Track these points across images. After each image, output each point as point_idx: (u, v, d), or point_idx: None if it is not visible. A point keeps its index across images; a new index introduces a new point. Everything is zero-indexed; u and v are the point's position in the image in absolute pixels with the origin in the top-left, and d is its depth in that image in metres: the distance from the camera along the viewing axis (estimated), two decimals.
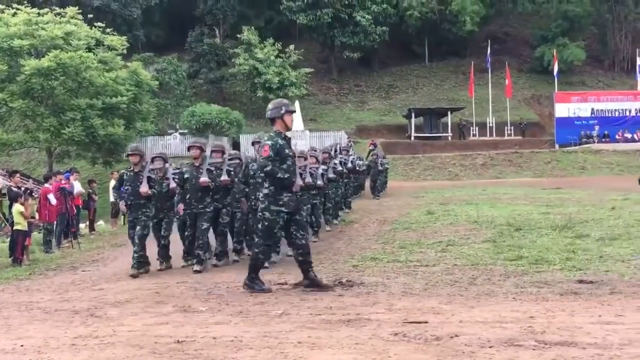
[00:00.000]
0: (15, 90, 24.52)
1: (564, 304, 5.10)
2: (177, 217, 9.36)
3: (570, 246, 8.20)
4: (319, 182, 10.57)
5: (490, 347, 3.91)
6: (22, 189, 12.98)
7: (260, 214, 6.39)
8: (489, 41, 42.57)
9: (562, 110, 36.76)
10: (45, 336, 4.74)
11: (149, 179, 8.88)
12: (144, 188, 8.71)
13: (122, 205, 9.17)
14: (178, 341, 4.35)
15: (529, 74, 46.79)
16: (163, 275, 8.38)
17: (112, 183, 15.60)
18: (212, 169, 9.06)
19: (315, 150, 12.17)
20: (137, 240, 8.66)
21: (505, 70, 40.58)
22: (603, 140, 35.22)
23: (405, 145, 36.98)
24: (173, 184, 9.04)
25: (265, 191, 6.35)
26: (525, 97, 43.95)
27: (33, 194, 13.36)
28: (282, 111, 6.50)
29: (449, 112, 39.13)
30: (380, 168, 20.43)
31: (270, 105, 6.65)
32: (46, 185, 13.80)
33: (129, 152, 9.30)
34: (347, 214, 14.64)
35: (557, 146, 35.81)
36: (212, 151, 9.38)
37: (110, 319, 5.32)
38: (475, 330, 4.31)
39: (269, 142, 6.36)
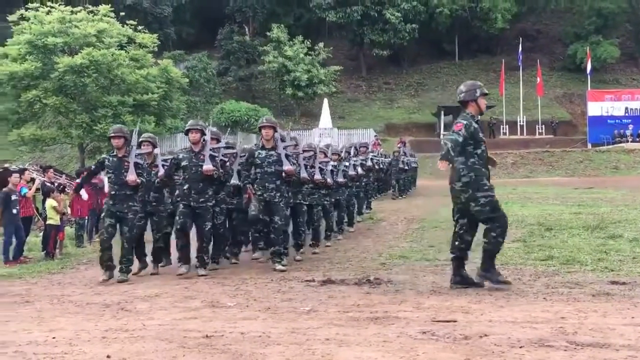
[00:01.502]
0: (49, 87, 24.98)
1: (596, 305, 5.01)
2: (168, 210, 8.41)
3: (602, 247, 8.05)
4: (329, 180, 9.78)
5: (520, 347, 3.86)
6: (55, 184, 13.23)
7: (473, 203, 5.89)
8: (521, 39, 41.99)
9: (594, 108, 36.11)
10: (76, 328, 4.81)
11: (137, 165, 7.65)
12: (132, 176, 7.47)
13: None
14: (207, 336, 4.38)
15: (561, 72, 46.06)
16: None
17: None
18: (216, 155, 7.95)
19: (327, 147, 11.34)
20: (125, 245, 7.60)
21: (536, 68, 40.01)
22: (637, 139, 34.51)
23: (434, 143, 36.54)
24: (162, 173, 7.92)
25: (466, 180, 5.92)
26: (557, 96, 43.29)
27: (66, 189, 13.58)
28: (477, 94, 6.14)
29: None
30: (402, 166, 19.70)
31: (462, 87, 6.26)
32: (78, 180, 14.01)
33: (111, 134, 7.88)
34: (368, 214, 14.17)
35: (589, 145, 35.20)
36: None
37: (140, 313, 5.38)
38: (505, 330, 4.26)
39: (464, 122, 5.93)
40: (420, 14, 43.34)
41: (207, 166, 7.54)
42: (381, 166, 18.21)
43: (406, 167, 20.17)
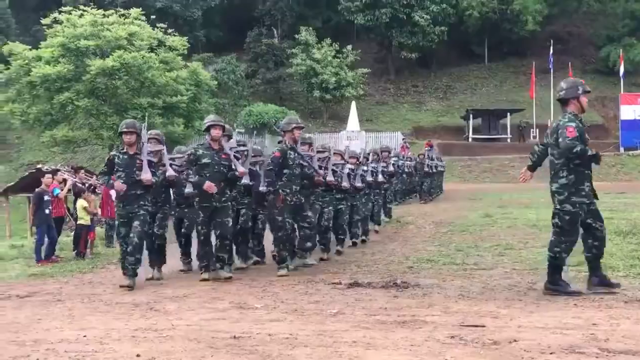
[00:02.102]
0: (81, 90, 25.34)
1: (628, 312, 4.92)
2: (173, 212, 8.23)
3: (635, 252, 7.91)
4: (345, 184, 9.28)
5: (550, 353, 3.81)
6: (86, 185, 13.43)
7: (559, 207, 5.73)
8: (552, 41, 41.43)
9: (627, 112, 35.48)
10: (106, 327, 4.88)
11: (150, 163, 7.33)
12: (147, 175, 7.14)
13: (118, 185, 7.15)
14: (234, 337, 4.40)
15: (592, 75, 45.29)
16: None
17: None
18: (239, 155, 7.80)
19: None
20: (136, 240, 7.11)
21: (567, 71, 39.44)
22: None
23: (462, 146, 36.44)
24: (171, 172, 7.57)
25: (563, 181, 5.71)
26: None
27: (96, 190, 13.78)
28: (579, 91, 5.93)
29: (508, 114, 38.35)
30: (427, 170, 19.29)
31: (563, 85, 6.04)
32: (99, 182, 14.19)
33: (123, 130, 7.36)
34: (387, 222, 13.49)
35: (622, 149, 34.60)
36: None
37: (169, 313, 5.43)
38: (534, 336, 4.21)
39: (572, 124, 5.67)
40: (449, 16, 43.10)
41: (242, 169, 7.46)
42: (407, 170, 18.04)
43: (432, 171, 19.75)
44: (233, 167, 7.47)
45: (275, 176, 7.56)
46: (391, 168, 13.38)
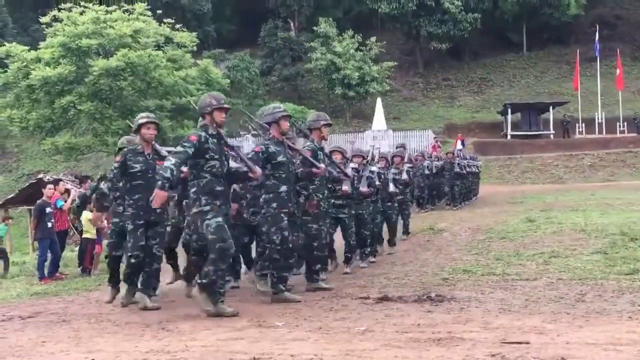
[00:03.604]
0: (84, 92, 25.67)
1: None
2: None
3: None
4: (345, 188, 8.23)
5: None
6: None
7: None
8: (597, 26, 41.05)
9: None
10: (115, 350, 4.93)
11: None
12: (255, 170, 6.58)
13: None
14: (254, 358, 4.42)
15: None
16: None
17: None
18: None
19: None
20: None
21: (616, 59, 39.05)
22: None
23: (500, 144, 36.23)
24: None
25: None
26: (638, 89, 42.18)
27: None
28: None
29: (550, 108, 38.03)
30: (458, 170, 18.31)
31: None
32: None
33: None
34: (405, 241, 12.35)
35: None
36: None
37: (182, 333, 5.47)
38: (584, 353, 4.17)
39: None
40: (482, 2, 42.97)
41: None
42: (433, 171, 17.76)
43: (463, 172, 18.76)
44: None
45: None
46: (405, 176, 12.18)
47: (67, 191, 13.39)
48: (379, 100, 34.85)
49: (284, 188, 6.84)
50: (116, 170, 7.12)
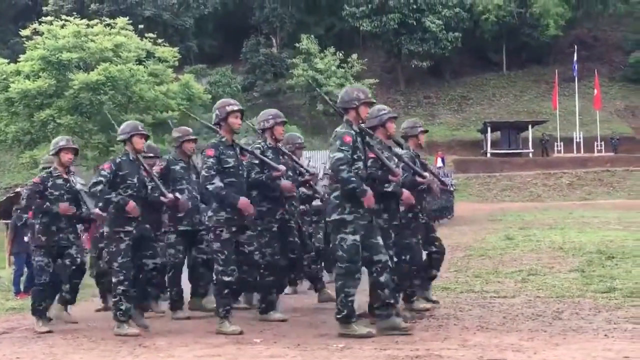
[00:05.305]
0: (63, 106, 25.54)
1: None
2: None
3: None
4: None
5: None
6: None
7: None
8: (576, 47, 41.70)
9: None
10: None
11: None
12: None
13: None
14: None
15: (621, 83, 45.51)
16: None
17: None
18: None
19: None
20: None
21: (594, 79, 39.61)
22: None
23: (480, 162, 36.52)
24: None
25: None
26: (617, 109, 42.75)
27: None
28: None
29: (529, 126, 38.47)
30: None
31: None
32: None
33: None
34: None
35: None
36: None
37: (160, 350, 5.42)
38: None
39: None
40: (463, 21, 43.44)
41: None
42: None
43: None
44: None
45: None
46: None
47: None
48: None
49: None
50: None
